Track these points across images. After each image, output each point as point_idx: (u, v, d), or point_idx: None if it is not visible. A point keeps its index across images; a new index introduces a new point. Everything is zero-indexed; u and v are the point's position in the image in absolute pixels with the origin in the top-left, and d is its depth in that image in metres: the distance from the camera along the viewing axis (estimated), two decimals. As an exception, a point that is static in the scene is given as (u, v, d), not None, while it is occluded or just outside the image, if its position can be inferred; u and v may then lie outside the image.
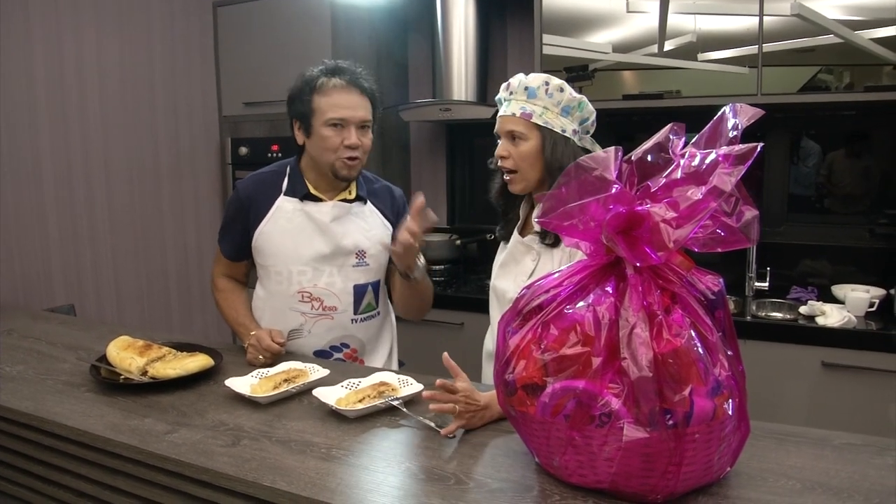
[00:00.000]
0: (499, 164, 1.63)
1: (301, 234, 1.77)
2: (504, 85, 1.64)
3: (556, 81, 1.57)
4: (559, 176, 1.54)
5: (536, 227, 1.63)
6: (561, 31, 2.78)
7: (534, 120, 1.56)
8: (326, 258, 1.78)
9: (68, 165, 2.78)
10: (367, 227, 1.82)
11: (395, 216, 1.88)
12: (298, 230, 1.77)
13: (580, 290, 1.05)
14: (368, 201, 1.84)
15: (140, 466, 1.24)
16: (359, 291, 1.82)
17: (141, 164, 3.09)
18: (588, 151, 1.60)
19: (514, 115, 1.58)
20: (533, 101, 1.57)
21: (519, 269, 1.67)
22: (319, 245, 1.77)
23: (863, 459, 1.14)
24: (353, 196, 1.81)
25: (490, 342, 1.77)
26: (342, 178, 1.76)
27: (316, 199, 1.78)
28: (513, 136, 1.59)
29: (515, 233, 1.72)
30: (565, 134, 1.57)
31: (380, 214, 1.85)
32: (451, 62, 3.11)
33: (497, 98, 1.67)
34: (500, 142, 1.63)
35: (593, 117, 1.62)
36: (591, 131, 1.65)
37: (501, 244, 1.79)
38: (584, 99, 1.59)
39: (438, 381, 1.36)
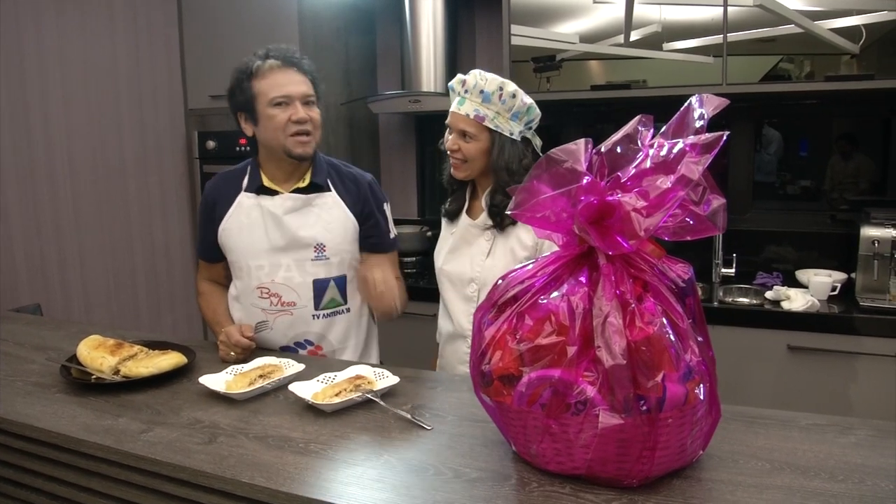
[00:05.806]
0: (448, 153, 1.74)
1: (257, 229, 1.76)
2: (459, 79, 1.71)
3: (510, 88, 1.66)
4: (503, 175, 1.67)
5: (485, 206, 1.74)
6: (529, 22, 2.79)
7: (486, 123, 1.67)
8: (281, 251, 1.75)
9: (30, 161, 2.71)
10: (328, 220, 1.77)
11: (361, 205, 1.82)
12: (255, 224, 1.76)
13: (554, 280, 1.06)
14: (333, 190, 1.79)
15: (115, 467, 1.22)
16: (319, 286, 1.78)
17: (105, 159, 3.03)
18: (529, 142, 1.74)
19: (467, 115, 1.67)
20: (487, 105, 1.66)
21: (473, 250, 1.76)
22: (274, 237, 1.75)
23: (828, 439, 1.18)
24: (306, 183, 1.76)
25: (446, 324, 1.83)
26: (298, 157, 1.72)
27: (271, 192, 1.76)
28: (464, 134, 1.68)
29: (464, 216, 1.80)
30: (512, 136, 1.68)
31: (343, 205, 1.80)
32: (419, 53, 3.10)
33: (450, 86, 1.74)
34: (449, 133, 1.74)
35: (538, 118, 1.74)
36: (534, 127, 1.76)
37: (445, 228, 1.88)
38: (533, 104, 1.70)
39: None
